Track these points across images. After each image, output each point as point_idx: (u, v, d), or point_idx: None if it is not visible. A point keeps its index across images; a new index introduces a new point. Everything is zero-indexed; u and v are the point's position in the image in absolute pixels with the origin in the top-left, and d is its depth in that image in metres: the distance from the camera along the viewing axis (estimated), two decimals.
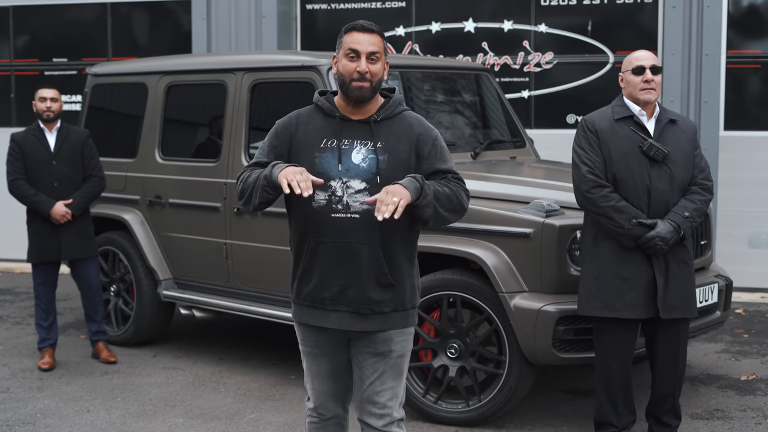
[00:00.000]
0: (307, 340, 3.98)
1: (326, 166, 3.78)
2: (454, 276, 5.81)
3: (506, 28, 10.26)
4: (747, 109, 9.86)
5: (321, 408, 4.06)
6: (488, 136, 7.34)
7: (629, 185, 5.09)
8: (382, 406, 3.90)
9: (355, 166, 3.77)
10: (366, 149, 3.80)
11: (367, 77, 3.79)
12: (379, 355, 3.88)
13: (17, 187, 7.02)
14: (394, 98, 3.94)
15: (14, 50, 11.74)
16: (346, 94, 3.83)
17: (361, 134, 3.83)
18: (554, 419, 5.95)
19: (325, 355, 3.96)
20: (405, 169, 3.79)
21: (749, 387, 6.54)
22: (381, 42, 3.86)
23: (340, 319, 3.84)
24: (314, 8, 10.81)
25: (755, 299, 9.35)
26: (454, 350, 5.82)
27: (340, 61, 3.84)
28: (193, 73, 7.46)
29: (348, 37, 3.84)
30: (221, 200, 6.96)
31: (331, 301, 3.83)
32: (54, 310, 7.21)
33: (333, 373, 3.99)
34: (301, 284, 3.88)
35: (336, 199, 3.76)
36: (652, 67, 5.14)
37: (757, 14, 9.80)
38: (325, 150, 3.80)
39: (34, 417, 6.06)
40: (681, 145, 5.15)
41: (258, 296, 6.86)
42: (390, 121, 3.87)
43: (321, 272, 3.82)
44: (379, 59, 3.84)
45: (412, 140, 3.85)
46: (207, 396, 6.45)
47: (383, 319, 3.85)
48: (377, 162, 3.78)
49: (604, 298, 5.12)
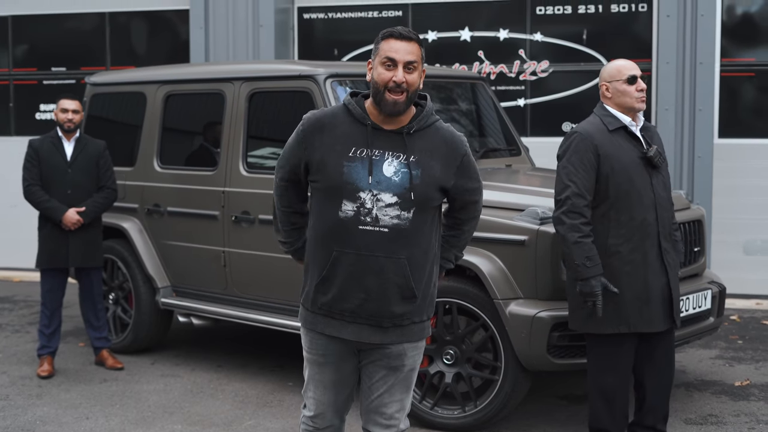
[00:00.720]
0: (315, 348, 3.88)
1: (355, 177, 3.67)
2: (450, 283, 5.86)
3: (502, 36, 10.33)
4: (741, 117, 9.92)
5: (318, 418, 3.97)
6: (484, 144, 7.40)
7: (634, 197, 5.02)
8: (389, 417, 3.89)
9: (387, 179, 3.67)
10: (398, 162, 3.69)
11: (403, 87, 3.68)
12: (392, 368, 3.84)
13: (32, 192, 7.09)
14: (427, 109, 3.82)
15: (13, 59, 11.79)
16: (379, 105, 3.71)
17: (393, 145, 3.71)
18: (550, 425, 6.01)
19: (331, 364, 3.88)
20: (436, 185, 3.74)
21: (743, 392, 6.59)
22: (419, 51, 3.74)
23: (359, 331, 3.76)
24: (311, 18, 10.87)
25: (750, 306, 9.40)
26: (450, 356, 5.88)
27: (376, 68, 3.71)
28: (191, 83, 7.52)
29: (385, 44, 3.72)
30: (219, 208, 7.01)
31: (351, 313, 3.74)
32: (59, 318, 7.26)
33: (336, 384, 3.91)
34: (318, 293, 3.79)
35: (365, 212, 3.67)
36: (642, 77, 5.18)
37: (751, 23, 9.87)
38: (354, 159, 3.69)
39: (33, 424, 6.10)
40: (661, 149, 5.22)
41: (256, 304, 6.91)
42: (422, 132, 3.77)
43: (342, 283, 3.72)
44: (416, 69, 3.72)
45: (444, 156, 3.77)
46: (205, 403, 6.50)
47: (401, 332, 3.79)
48: (410, 177, 3.68)
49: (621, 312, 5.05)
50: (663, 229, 5.08)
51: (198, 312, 7.29)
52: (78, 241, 7.13)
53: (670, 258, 5.11)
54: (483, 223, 5.73)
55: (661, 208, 5.08)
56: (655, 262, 5.06)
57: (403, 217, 3.67)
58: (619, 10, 9.98)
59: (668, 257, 5.10)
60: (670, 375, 5.29)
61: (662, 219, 5.08)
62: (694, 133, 9.55)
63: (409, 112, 3.78)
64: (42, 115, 11.65)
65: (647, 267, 5.04)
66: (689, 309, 5.90)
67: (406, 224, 3.68)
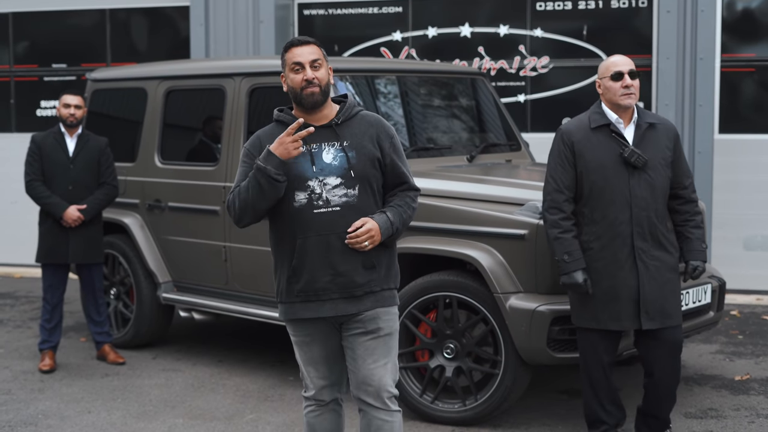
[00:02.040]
0: (299, 330, 4.25)
1: (301, 169, 4.10)
2: (450, 277, 5.88)
3: (502, 32, 10.34)
4: (741, 113, 9.94)
5: (318, 395, 4.31)
6: (484, 139, 7.41)
7: (607, 195, 5.08)
8: (377, 381, 4.18)
9: (328, 165, 4.12)
10: (334, 149, 4.14)
11: (315, 83, 4.12)
12: (369, 333, 4.18)
13: (33, 187, 7.11)
14: (349, 101, 4.28)
15: (14, 56, 11.81)
16: (301, 103, 4.16)
17: (326, 137, 4.17)
18: (550, 418, 6.02)
19: (317, 341, 4.24)
20: (372, 162, 4.18)
21: (743, 387, 6.61)
22: (319, 50, 4.19)
23: (335, 306, 4.14)
24: (311, 14, 10.89)
25: (750, 301, 9.42)
26: (450, 350, 5.89)
27: (288, 76, 4.17)
28: (192, 78, 7.54)
29: (289, 54, 4.17)
30: (220, 203, 7.03)
31: (324, 291, 4.12)
32: (60, 313, 7.28)
33: (327, 358, 4.26)
34: (292, 282, 4.15)
35: (316, 196, 4.09)
36: (630, 72, 5.13)
37: (751, 18, 9.88)
38: (297, 156, 4.08)
39: (35, 418, 6.12)
40: (660, 150, 5.14)
41: (256, 298, 6.93)
42: (350, 122, 4.23)
43: (312, 266, 4.10)
44: (322, 65, 4.17)
45: (373, 137, 4.22)
46: (206, 397, 6.52)
47: (374, 298, 4.18)
48: (347, 158, 4.13)
49: (591, 308, 5.17)
50: (639, 229, 5.07)
51: (199, 307, 7.31)
52: (78, 237, 7.15)
53: (647, 257, 5.08)
54: (483, 218, 5.81)
55: (637, 208, 5.06)
56: (626, 262, 5.09)
57: (350, 195, 4.12)
58: (619, 5, 9.99)
59: (644, 257, 5.08)
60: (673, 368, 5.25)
61: (637, 218, 5.06)
62: (695, 129, 9.57)
63: (332, 109, 4.24)
64: (43, 111, 11.67)
65: (616, 265, 5.10)
66: (689, 303, 5.92)
67: (354, 200, 4.12)
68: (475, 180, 6.28)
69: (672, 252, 5.18)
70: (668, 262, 5.15)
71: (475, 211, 5.84)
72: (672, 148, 5.20)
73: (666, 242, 5.14)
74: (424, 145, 6.89)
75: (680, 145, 5.28)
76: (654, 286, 5.09)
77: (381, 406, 4.19)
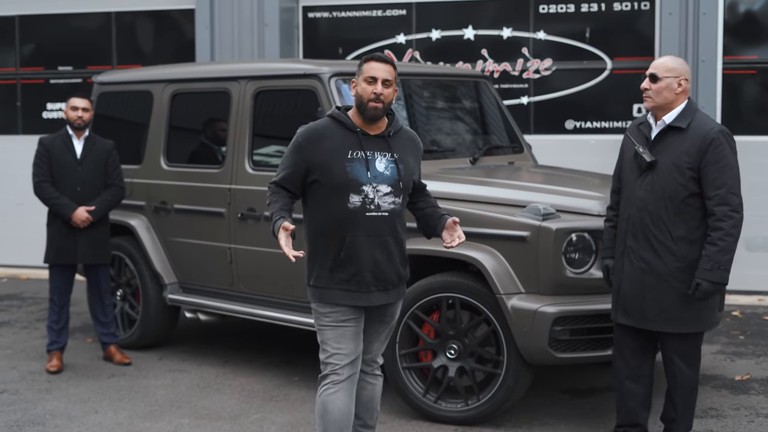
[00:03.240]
0: (336, 314, 4.62)
1: (357, 174, 4.52)
2: (453, 278, 5.95)
3: (505, 35, 10.40)
4: (743, 114, 9.98)
5: (342, 369, 4.63)
6: (487, 141, 7.47)
7: (624, 193, 5.24)
8: (372, 355, 4.84)
9: (381, 174, 4.56)
10: (386, 159, 4.59)
11: (381, 99, 4.53)
12: (384, 323, 4.78)
13: (42, 189, 7.19)
14: (397, 117, 4.71)
15: (20, 59, 11.89)
16: (363, 113, 4.57)
17: (380, 147, 4.60)
18: (552, 418, 6.09)
19: (351, 321, 4.64)
20: (412, 175, 4.72)
21: (743, 386, 6.66)
22: (394, 72, 4.58)
23: (370, 297, 4.61)
24: (316, 17, 10.96)
25: (752, 302, 9.48)
26: (453, 351, 5.96)
27: (360, 84, 4.57)
28: (197, 81, 7.61)
29: (367, 65, 4.57)
30: (225, 205, 7.10)
31: (366, 284, 4.57)
32: (67, 314, 7.35)
33: (356, 335, 4.67)
34: (335, 272, 4.57)
35: (369, 201, 4.54)
36: (650, 75, 5.14)
37: (753, 20, 9.92)
38: (353, 160, 4.52)
39: (43, 418, 6.20)
40: (675, 155, 5.03)
41: (262, 299, 7.00)
42: (398, 135, 4.69)
43: (358, 261, 4.54)
44: (391, 86, 4.57)
45: (414, 152, 4.76)
46: (212, 397, 6.59)
47: (397, 291, 4.73)
48: (398, 170, 4.59)
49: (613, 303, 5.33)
50: (632, 227, 5.14)
51: (205, 308, 7.38)
52: (86, 238, 7.22)
53: (635, 257, 5.12)
54: (485, 219, 5.87)
55: (634, 207, 5.13)
56: (620, 257, 5.24)
57: (396, 203, 4.60)
58: (622, 8, 10.04)
59: (632, 256, 5.13)
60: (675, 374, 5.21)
61: (633, 217, 5.14)
62: None
63: (384, 121, 4.67)
64: (49, 114, 11.74)
65: (620, 260, 5.26)
66: None
67: (398, 208, 4.62)
68: (478, 182, 6.34)
69: (666, 259, 5.05)
70: (657, 269, 5.06)
71: (478, 213, 5.91)
72: (695, 155, 4.98)
73: (660, 248, 5.05)
74: (427, 147, 6.94)
75: (714, 154, 4.95)
76: (631, 285, 5.14)
77: (368, 371, 4.83)
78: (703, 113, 5.20)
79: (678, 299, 5.07)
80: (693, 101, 5.20)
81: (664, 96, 5.10)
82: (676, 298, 5.07)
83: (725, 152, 4.97)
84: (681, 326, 5.10)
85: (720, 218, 4.95)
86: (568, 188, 6.25)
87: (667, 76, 5.10)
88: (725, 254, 4.93)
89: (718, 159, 4.95)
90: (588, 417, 6.09)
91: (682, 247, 5.03)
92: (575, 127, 10.22)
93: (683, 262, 5.04)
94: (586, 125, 10.22)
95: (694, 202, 5.02)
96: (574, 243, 5.68)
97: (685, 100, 5.14)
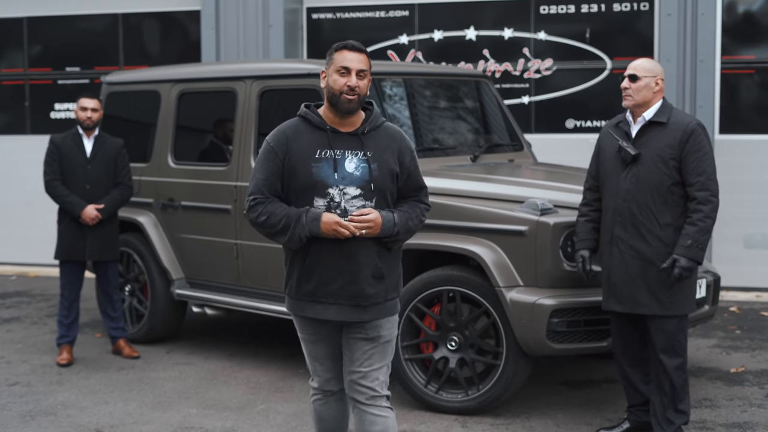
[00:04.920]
0: (306, 329, 4.37)
1: (323, 175, 4.12)
2: (454, 272, 6.10)
3: (507, 35, 10.52)
4: (741, 114, 10.09)
5: (324, 386, 4.47)
6: (488, 140, 7.59)
7: (607, 187, 5.46)
8: (371, 381, 4.27)
9: (350, 174, 4.14)
10: (357, 159, 4.16)
11: (356, 91, 4.14)
12: (369, 340, 4.28)
13: (53, 187, 7.34)
14: (375, 111, 4.30)
15: (28, 60, 12.01)
16: (336, 107, 4.17)
17: (351, 145, 4.19)
18: (549, 408, 6.23)
19: (322, 340, 4.37)
20: (391, 176, 4.22)
21: (738, 378, 6.81)
22: (368, 62, 4.22)
23: (340, 311, 4.20)
24: (320, 18, 11.09)
25: (750, 298, 9.60)
26: (454, 343, 6.10)
27: (331, 76, 4.17)
28: (204, 81, 7.75)
29: (339, 55, 4.18)
30: (231, 202, 7.24)
31: (332, 296, 4.19)
32: (77, 308, 7.51)
33: (331, 355, 4.40)
34: (302, 282, 4.23)
35: (334, 205, 4.13)
36: (630, 75, 5.42)
37: (751, 20, 10.03)
38: (320, 160, 4.14)
39: (55, 408, 6.35)
40: (658, 147, 5.30)
41: (267, 294, 7.13)
42: (375, 132, 4.26)
43: (323, 271, 4.17)
44: (366, 77, 4.19)
45: (394, 151, 4.25)
46: (219, 389, 6.73)
47: (377, 309, 4.24)
48: (369, 170, 4.16)
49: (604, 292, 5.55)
50: (620, 218, 5.36)
51: (211, 303, 7.53)
52: (95, 235, 7.37)
53: (624, 246, 5.35)
54: (485, 215, 6.01)
55: (620, 199, 5.37)
56: (607, 247, 5.46)
57: (367, 206, 4.14)
58: (622, 9, 10.17)
59: (621, 245, 5.36)
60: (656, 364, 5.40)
61: (620, 209, 5.36)
62: None
63: (360, 116, 4.26)
64: (57, 114, 11.87)
65: (604, 250, 5.49)
66: None
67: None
68: (478, 179, 6.49)
69: (654, 245, 5.29)
70: (646, 254, 5.30)
71: (478, 209, 6.06)
72: (677, 146, 5.28)
73: (649, 235, 5.30)
74: (429, 145, 7.09)
75: (694, 144, 5.27)
76: (621, 272, 5.37)
77: (373, 404, 4.27)
78: (678, 109, 5.54)
79: (666, 283, 5.31)
80: (667, 99, 5.51)
81: (644, 94, 5.41)
82: (664, 282, 5.31)
83: (703, 143, 5.32)
84: (670, 309, 5.34)
85: (701, 201, 5.26)
86: (565, 184, 6.40)
87: (645, 76, 5.41)
88: (703, 234, 5.25)
89: (697, 149, 5.29)
90: (585, 407, 6.23)
91: (669, 233, 5.32)
92: (575, 127, 10.36)
93: (670, 247, 5.31)
94: (586, 124, 10.34)
95: (678, 191, 5.32)
96: (571, 237, 5.82)
97: (661, 98, 5.46)
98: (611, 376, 6.88)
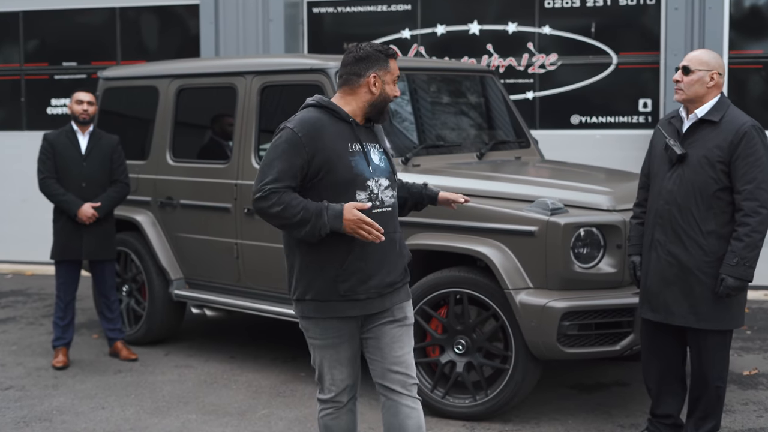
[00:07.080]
0: (329, 333, 4.19)
1: (361, 169, 4.10)
2: (461, 273, 5.94)
3: (511, 30, 10.39)
4: (749, 109, 9.91)
5: (338, 396, 4.29)
6: (493, 136, 7.46)
7: (653, 187, 5.17)
8: (405, 368, 4.20)
9: (378, 166, 4.17)
10: (378, 150, 4.21)
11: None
12: (397, 321, 4.23)
13: (47, 185, 7.18)
14: None
15: (24, 55, 11.88)
16: (382, 114, 4.20)
17: (370, 137, 4.21)
18: (559, 413, 6.07)
19: (345, 342, 4.22)
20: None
21: (751, 381, 6.65)
22: None
23: (383, 301, 4.17)
24: (320, 12, 10.95)
25: (759, 297, 9.46)
26: (461, 346, 5.95)
27: (388, 84, 4.18)
28: (203, 77, 7.60)
29: (393, 63, 4.21)
30: (232, 201, 7.09)
31: (380, 287, 4.14)
32: (72, 310, 7.35)
33: (351, 359, 4.26)
34: (339, 282, 4.09)
35: (374, 197, 4.13)
36: (682, 67, 5.07)
37: (759, 15, 9.91)
38: (354, 153, 4.10)
39: (50, 414, 6.19)
40: (707, 148, 4.96)
41: (268, 295, 6.99)
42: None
43: (369, 265, 4.10)
44: None
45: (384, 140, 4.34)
46: (219, 393, 6.58)
47: (405, 290, 4.29)
48: (389, 161, 4.25)
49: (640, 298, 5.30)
50: (660, 220, 5.07)
51: (211, 303, 7.38)
52: (92, 234, 7.22)
53: (662, 251, 5.05)
54: (493, 214, 5.86)
55: (662, 200, 5.06)
56: (647, 251, 5.18)
57: (394, 196, 4.25)
58: (627, 2, 10.03)
59: (660, 249, 5.07)
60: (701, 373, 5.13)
61: (661, 210, 5.06)
62: None
63: None
64: (53, 109, 11.74)
65: (647, 254, 5.19)
66: None
67: (396, 201, 4.26)
68: (485, 177, 6.33)
69: (694, 253, 4.96)
70: (684, 262, 4.99)
71: (485, 208, 5.89)
72: (727, 148, 4.91)
73: (689, 242, 4.97)
74: (433, 142, 6.94)
75: (745, 148, 4.87)
76: (657, 279, 5.08)
77: (407, 393, 4.19)
78: (737, 108, 5.11)
79: (706, 294, 4.97)
80: (725, 96, 5.13)
81: (695, 89, 5.03)
82: (704, 293, 4.97)
83: (756, 147, 4.89)
84: (708, 323, 5.00)
85: (747, 213, 4.86)
86: (575, 183, 6.23)
87: (699, 69, 5.03)
88: (751, 250, 4.87)
89: (748, 153, 4.88)
90: (596, 412, 6.08)
91: (712, 242, 4.95)
92: (581, 122, 10.21)
93: (712, 256, 4.95)
94: (592, 120, 10.21)
95: (725, 197, 4.95)
96: (582, 238, 5.66)
97: (717, 95, 5.07)
98: (621, 379, 6.73)
